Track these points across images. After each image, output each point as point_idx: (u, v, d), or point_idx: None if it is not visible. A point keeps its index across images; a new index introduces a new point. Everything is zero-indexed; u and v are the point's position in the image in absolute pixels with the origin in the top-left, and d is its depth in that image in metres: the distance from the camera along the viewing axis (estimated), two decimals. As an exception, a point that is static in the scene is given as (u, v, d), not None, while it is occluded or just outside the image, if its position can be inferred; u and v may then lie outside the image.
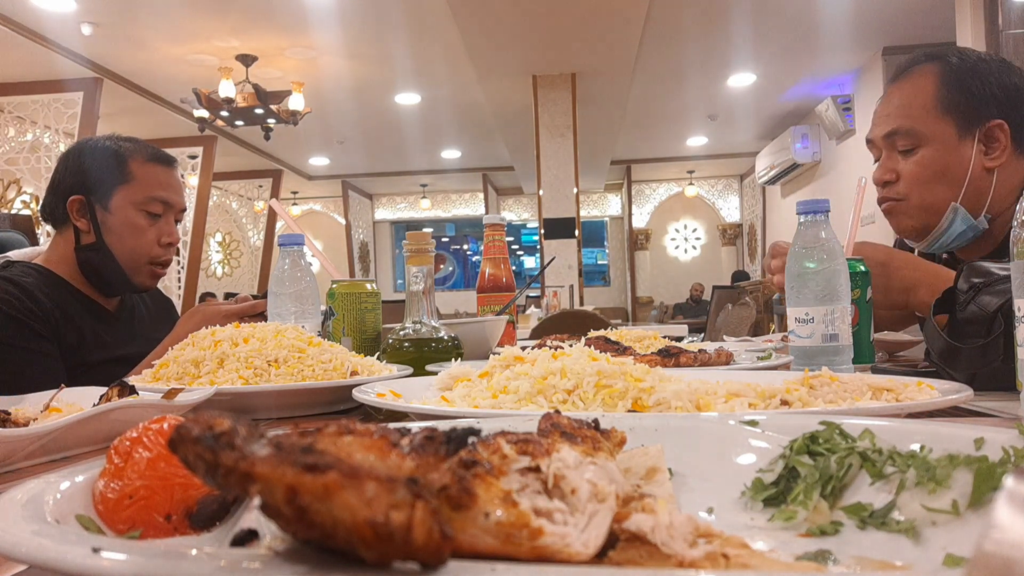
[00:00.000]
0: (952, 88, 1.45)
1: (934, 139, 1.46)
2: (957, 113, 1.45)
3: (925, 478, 0.39)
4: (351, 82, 7.62)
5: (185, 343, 1.13)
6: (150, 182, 1.75)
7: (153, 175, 1.77)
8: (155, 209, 1.75)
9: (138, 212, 1.73)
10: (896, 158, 1.51)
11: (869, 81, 7.47)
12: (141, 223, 1.74)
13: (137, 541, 0.37)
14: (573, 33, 6.30)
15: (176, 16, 5.98)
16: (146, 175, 1.75)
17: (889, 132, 1.51)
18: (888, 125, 1.51)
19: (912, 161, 1.48)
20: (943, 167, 1.46)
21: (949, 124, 1.45)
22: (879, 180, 1.54)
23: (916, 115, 1.47)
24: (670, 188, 13.24)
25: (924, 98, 1.47)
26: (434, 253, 1.31)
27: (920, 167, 1.47)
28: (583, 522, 0.32)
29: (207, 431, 0.28)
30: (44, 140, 6.83)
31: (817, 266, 1.13)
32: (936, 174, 1.46)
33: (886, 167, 1.53)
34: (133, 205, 1.73)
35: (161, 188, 1.77)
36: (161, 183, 1.77)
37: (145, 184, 1.75)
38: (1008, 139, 1.43)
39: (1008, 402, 0.91)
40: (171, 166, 1.82)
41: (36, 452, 0.72)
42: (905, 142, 1.49)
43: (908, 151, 1.49)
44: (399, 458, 0.31)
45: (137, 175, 1.74)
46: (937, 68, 1.48)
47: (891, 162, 1.52)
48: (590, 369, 0.77)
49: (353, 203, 13.05)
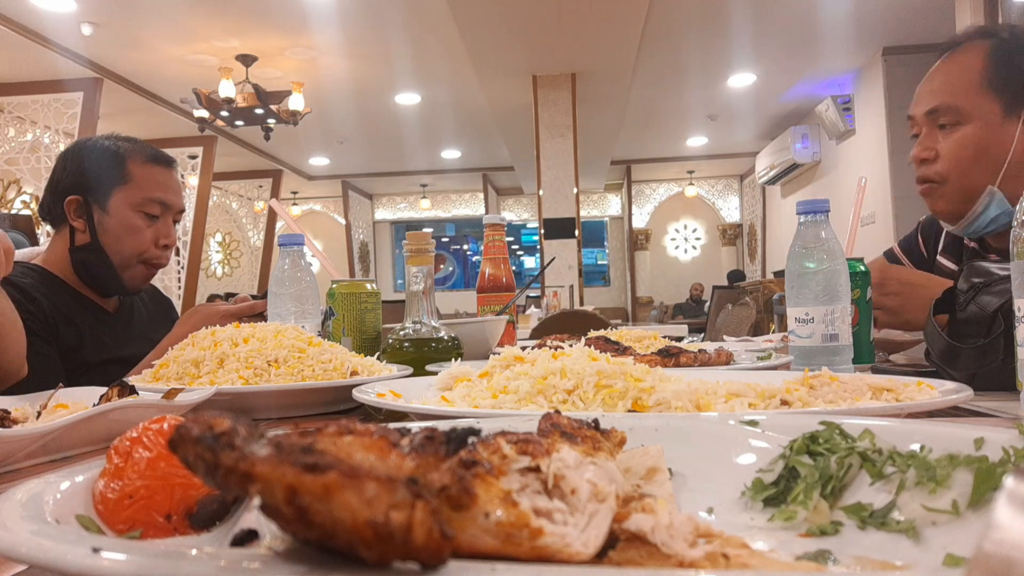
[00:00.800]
0: (1001, 65, 1.40)
1: (977, 117, 1.41)
2: (1004, 92, 1.39)
3: (925, 478, 0.39)
4: (351, 82, 7.62)
5: (185, 343, 1.13)
6: (148, 183, 1.74)
7: (152, 176, 1.75)
8: (153, 210, 1.74)
9: (135, 213, 1.72)
10: (936, 135, 1.46)
11: (869, 81, 7.47)
12: (138, 224, 1.72)
13: (137, 541, 0.37)
14: (573, 33, 6.30)
15: (176, 16, 5.98)
16: (144, 176, 1.74)
17: (931, 109, 1.45)
18: (931, 101, 1.46)
19: (952, 139, 1.43)
20: (984, 147, 1.40)
21: (995, 102, 1.40)
22: (917, 157, 1.49)
23: (960, 92, 1.42)
24: (670, 188, 13.24)
25: (971, 74, 1.42)
26: (434, 253, 1.31)
27: (960, 146, 1.42)
28: (583, 522, 0.32)
29: (207, 431, 0.28)
30: (44, 140, 6.83)
31: (817, 266, 1.13)
32: (976, 154, 1.41)
33: (925, 144, 1.48)
34: (131, 206, 1.71)
35: (159, 189, 1.75)
36: (160, 184, 1.76)
37: (143, 185, 1.73)
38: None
39: (1008, 402, 0.91)
40: (170, 167, 1.81)
41: (37, 452, 0.73)
42: (947, 118, 1.43)
43: (948, 127, 1.44)
44: (399, 458, 0.31)
45: (135, 176, 1.73)
46: (987, 44, 1.43)
47: (930, 139, 1.47)
48: (590, 369, 0.77)
49: (353, 203, 13.05)
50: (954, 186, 1.44)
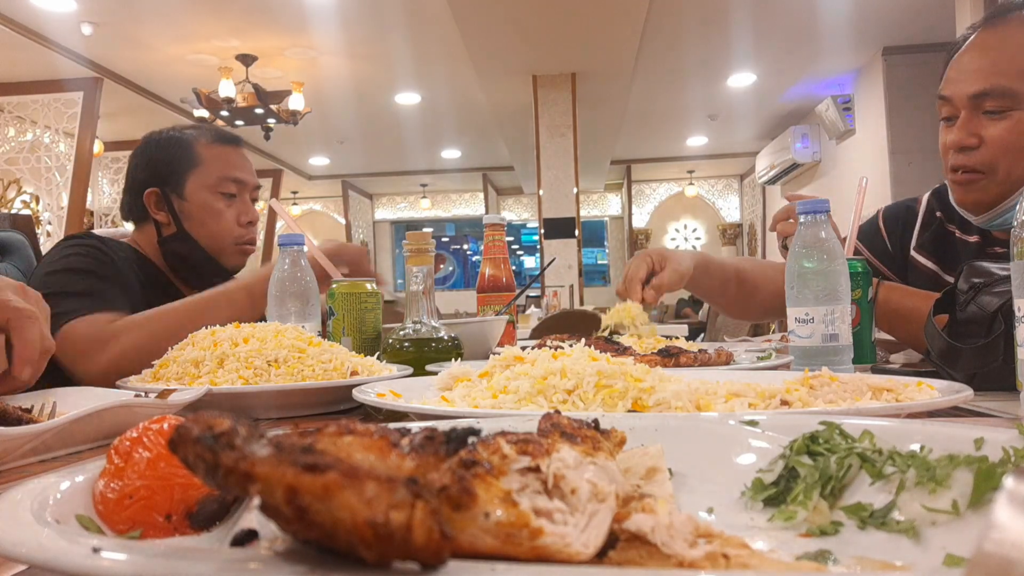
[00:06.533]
0: None
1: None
2: None
3: (925, 478, 0.39)
4: (351, 82, 7.62)
5: (185, 343, 1.13)
6: (219, 163, 1.76)
7: (221, 155, 1.77)
8: (229, 189, 1.76)
9: (213, 194, 1.74)
10: (981, 121, 1.32)
11: (869, 81, 7.47)
12: (218, 205, 1.74)
13: (137, 541, 0.37)
14: (573, 33, 6.29)
15: (176, 16, 5.98)
16: (213, 156, 1.76)
17: (980, 92, 1.30)
18: (979, 83, 1.30)
19: (1002, 126, 1.29)
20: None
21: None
22: (958, 144, 1.34)
23: (1016, 73, 1.28)
24: (670, 188, 13.23)
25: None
26: (434, 253, 1.31)
27: (1013, 134, 1.29)
28: (583, 522, 0.32)
29: (207, 431, 0.28)
30: (44, 140, 6.82)
31: (817, 266, 1.13)
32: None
33: (968, 129, 1.32)
34: (207, 188, 1.73)
35: (230, 167, 1.77)
36: (230, 163, 1.78)
37: (214, 165, 1.75)
38: None
39: (1008, 402, 0.91)
40: (237, 144, 1.83)
41: (39, 448, 0.73)
42: (996, 103, 1.29)
43: (998, 113, 1.30)
44: (399, 458, 0.31)
45: (205, 157, 1.75)
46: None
47: (974, 124, 1.32)
48: (590, 369, 0.77)
49: (353, 203, 13.05)
50: (1000, 177, 1.31)
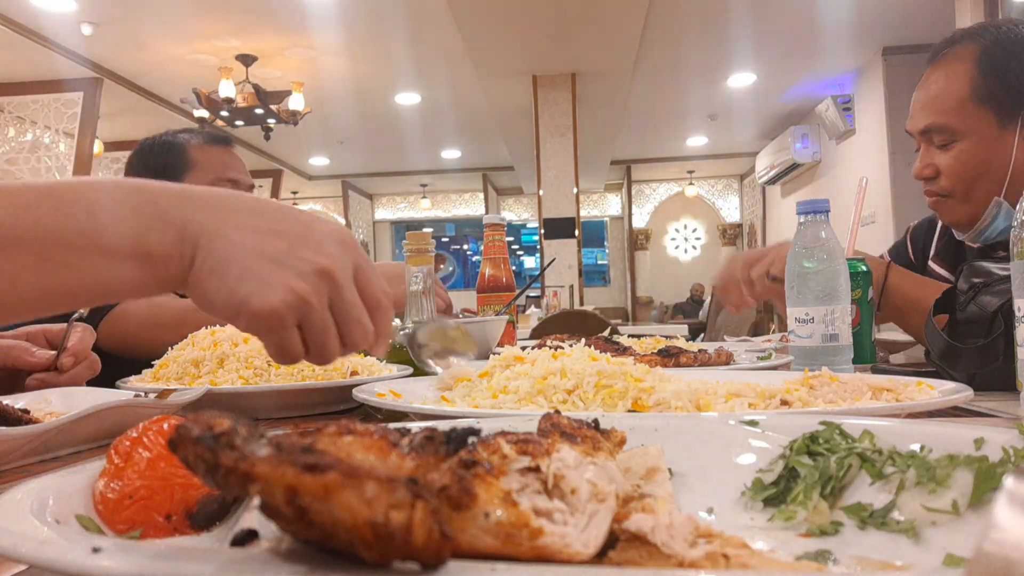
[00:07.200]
0: (989, 75, 1.35)
1: (972, 133, 1.37)
2: (995, 103, 1.35)
3: (925, 478, 0.39)
4: (351, 82, 7.62)
5: (185, 343, 1.13)
6: (213, 164, 1.76)
7: (214, 157, 1.77)
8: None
9: None
10: (934, 152, 1.43)
11: (869, 81, 7.47)
12: None
13: (137, 541, 0.37)
14: (573, 33, 6.29)
15: (176, 16, 5.98)
16: (206, 158, 1.76)
17: (924, 128, 1.42)
18: (923, 121, 1.42)
19: (950, 156, 1.39)
20: (983, 161, 1.37)
21: (988, 115, 1.36)
22: (917, 175, 1.46)
23: (950, 109, 1.38)
24: (670, 188, 13.23)
25: (959, 88, 1.37)
26: (434, 253, 1.31)
27: (958, 162, 1.38)
28: (583, 522, 0.32)
29: (207, 431, 0.28)
30: (44, 140, 6.82)
31: (817, 266, 1.13)
32: (976, 169, 1.37)
33: (924, 162, 1.44)
34: None
35: (225, 168, 1.77)
36: (224, 164, 1.78)
37: (208, 167, 1.75)
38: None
39: (1008, 402, 0.91)
40: (228, 145, 1.83)
41: (39, 448, 0.73)
42: (941, 138, 1.40)
43: (944, 145, 1.40)
44: (399, 458, 0.31)
45: (198, 160, 1.75)
46: (973, 51, 1.37)
47: (928, 156, 1.43)
48: (590, 369, 0.77)
49: (353, 203, 13.05)
50: (960, 199, 1.41)
